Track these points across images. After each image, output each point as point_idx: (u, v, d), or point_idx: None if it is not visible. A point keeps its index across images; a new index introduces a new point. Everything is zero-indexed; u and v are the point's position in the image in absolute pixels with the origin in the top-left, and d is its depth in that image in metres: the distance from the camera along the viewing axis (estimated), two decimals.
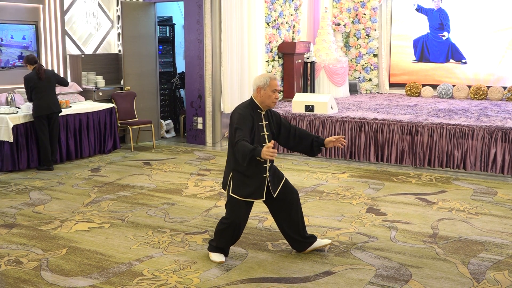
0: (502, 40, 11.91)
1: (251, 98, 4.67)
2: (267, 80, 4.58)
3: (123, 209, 6.29)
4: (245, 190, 4.57)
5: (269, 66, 11.11)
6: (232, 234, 4.70)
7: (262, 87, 4.58)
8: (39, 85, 8.00)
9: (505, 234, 5.45)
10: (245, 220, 4.71)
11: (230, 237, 4.72)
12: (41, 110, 8.03)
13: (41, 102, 8.02)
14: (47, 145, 8.11)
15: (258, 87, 4.59)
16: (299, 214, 4.85)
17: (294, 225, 4.83)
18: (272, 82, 4.56)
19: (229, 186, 4.60)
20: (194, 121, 10.18)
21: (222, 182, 4.79)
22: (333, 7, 13.24)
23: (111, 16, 10.64)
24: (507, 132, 7.72)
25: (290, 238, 4.90)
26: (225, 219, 4.69)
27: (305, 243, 4.90)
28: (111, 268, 4.61)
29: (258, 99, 4.62)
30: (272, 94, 4.58)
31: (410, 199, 6.68)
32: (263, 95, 4.59)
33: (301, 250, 4.92)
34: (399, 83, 13.03)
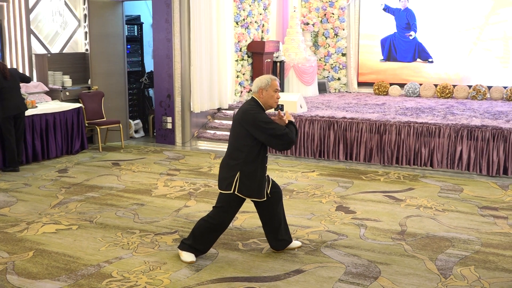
0: (467, 39, 12.13)
1: (254, 99, 4.69)
2: (269, 81, 4.65)
3: (91, 210, 6.21)
4: (251, 190, 4.61)
5: (238, 65, 11.10)
6: (217, 235, 4.74)
7: (264, 88, 4.64)
8: (5, 85, 7.83)
9: (471, 230, 5.55)
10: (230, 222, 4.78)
11: (214, 239, 4.75)
12: (10, 110, 7.87)
13: (9, 102, 7.86)
14: (13, 146, 7.95)
15: (260, 88, 4.65)
16: (283, 210, 4.95)
17: (277, 222, 4.89)
18: (273, 83, 4.65)
19: (235, 186, 4.57)
20: (163, 120, 10.11)
21: (220, 182, 4.68)
22: (302, 6, 13.30)
23: (77, 15, 10.49)
24: (472, 130, 7.86)
25: (272, 236, 4.92)
26: (212, 219, 4.66)
27: (285, 241, 4.95)
28: (80, 270, 4.55)
29: (261, 100, 4.67)
30: (274, 94, 4.67)
31: (378, 196, 6.75)
32: (266, 95, 4.65)
33: (280, 248, 4.95)
34: (367, 82, 13.17)
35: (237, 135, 4.63)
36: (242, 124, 4.57)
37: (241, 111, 4.65)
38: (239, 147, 4.59)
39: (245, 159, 4.56)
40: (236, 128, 4.64)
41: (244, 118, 4.58)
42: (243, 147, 4.57)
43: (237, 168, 4.57)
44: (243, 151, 4.57)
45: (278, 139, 4.53)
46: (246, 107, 4.66)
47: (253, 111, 4.58)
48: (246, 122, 4.55)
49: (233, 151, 4.64)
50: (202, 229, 4.70)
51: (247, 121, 4.55)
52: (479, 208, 6.29)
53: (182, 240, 4.83)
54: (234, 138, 4.65)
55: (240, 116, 4.62)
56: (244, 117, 4.58)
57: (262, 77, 4.73)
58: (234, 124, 4.68)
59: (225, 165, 4.68)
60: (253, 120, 4.54)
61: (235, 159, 4.60)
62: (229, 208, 4.67)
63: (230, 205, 4.66)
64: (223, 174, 4.69)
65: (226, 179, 4.63)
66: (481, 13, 11.97)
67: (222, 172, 4.70)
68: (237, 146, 4.61)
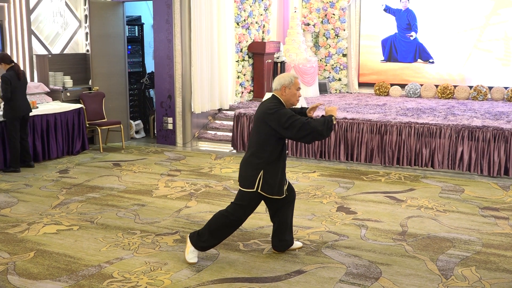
0: (468, 40, 12.12)
1: (275, 97, 4.69)
2: (292, 79, 4.68)
3: (92, 211, 6.21)
4: (273, 188, 4.62)
5: (239, 66, 11.11)
6: (231, 231, 4.75)
7: (287, 86, 4.66)
8: (18, 85, 7.87)
9: (472, 230, 5.54)
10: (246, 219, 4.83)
11: (228, 234, 4.76)
12: (20, 110, 7.91)
13: (19, 102, 7.90)
14: (18, 146, 7.97)
15: (283, 86, 4.66)
16: (292, 212, 4.99)
17: (286, 223, 4.90)
18: (296, 81, 4.68)
19: (258, 184, 4.57)
20: (164, 121, 10.11)
21: (243, 180, 4.65)
22: (303, 7, 13.30)
23: (78, 16, 10.49)
24: (473, 131, 7.86)
25: (277, 236, 4.92)
26: (231, 215, 4.65)
27: (286, 242, 4.96)
28: (80, 271, 4.55)
29: (283, 98, 4.68)
30: (296, 92, 4.69)
31: (379, 197, 6.75)
32: (288, 93, 4.67)
33: (281, 250, 4.95)
34: (368, 82, 13.17)
35: (260, 133, 4.61)
36: (266, 121, 4.55)
37: (264, 108, 4.63)
38: (262, 145, 4.58)
39: (269, 158, 4.57)
40: (259, 126, 4.62)
41: (267, 114, 4.56)
42: (266, 145, 4.57)
43: (260, 167, 4.56)
44: (266, 150, 4.56)
45: (303, 131, 4.48)
46: (268, 104, 4.64)
47: (276, 107, 4.57)
48: (270, 118, 4.53)
49: (256, 149, 4.62)
50: (220, 224, 4.68)
51: (271, 118, 4.53)
52: (480, 208, 6.28)
53: (197, 236, 4.71)
54: (257, 136, 4.63)
55: (263, 113, 4.60)
56: (268, 114, 4.56)
57: (284, 74, 4.74)
58: (257, 122, 4.66)
59: (247, 163, 4.65)
60: (277, 115, 4.52)
61: (259, 157, 4.58)
62: (249, 206, 4.68)
63: (250, 203, 4.66)
64: (245, 172, 4.65)
65: (248, 177, 4.61)
66: (482, 14, 11.97)
67: (245, 170, 4.66)
68: (260, 144, 4.60)
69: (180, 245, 5.11)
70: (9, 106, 7.82)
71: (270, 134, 4.56)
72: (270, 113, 4.56)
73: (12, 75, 7.81)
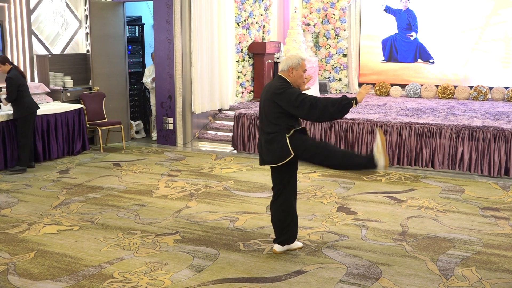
0: (468, 40, 12.12)
1: (282, 77, 4.70)
2: (299, 61, 4.71)
3: (92, 211, 6.21)
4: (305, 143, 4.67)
5: (240, 66, 11.11)
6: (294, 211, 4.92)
7: (295, 67, 4.69)
8: (24, 82, 7.97)
9: (472, 231, 5.54)
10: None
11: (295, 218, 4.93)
12: (32, 107, 8.04)
13: (30, 99, 8.05)
14: (31, 144, 8.07)
15: (291, 67, 4.69)
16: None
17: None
18: (303, 63, 4.72)
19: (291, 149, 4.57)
20: (165, 121, 10.11)
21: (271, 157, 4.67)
22: (303, 7, 13.30)
23: (79, 16, 10.50)
24: (473, 131, 7.86)
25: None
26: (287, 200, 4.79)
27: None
28: (81, 271, 4.55)
29: (290, 79, 4.70)
30: (303, 74, 4.72)
31: (379, 197, 6.75)
32: (295, 74, 4.70)
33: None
34: (368, 82, 13.14)
35: (270, 113, 4.62)
36: (275, 100, 4.57)
37: (272, 88, 4.63)
38: (276, 123, 4.59)
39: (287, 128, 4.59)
40: (269, 106, 4.62)
41: (276, 94, 4.57)
42: (280, 122, 4.58)
43: (284, 138, 4.58)
44: (282, 125, 4.58)
45: (313, 109, 4.49)
46: (276, 84, 4.66)
47: (284, 87, 4.59)
48: (279, 98, 4.55)
49: (272, 129, 4.62)
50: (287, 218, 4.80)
51: (280, 97, 4.54)
52: (480, 209, 6.28)
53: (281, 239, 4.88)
54: (269, 117, 4.63)
55: (271, 94, 4.61)
56: (276, 94, 4.57)
57: (292, 56, 4.76)
58: (266, 103, 4.65)
59: (270, 141, 4.64)
60: (287, 94, 4.53)
61: (278, 133, 4.59)
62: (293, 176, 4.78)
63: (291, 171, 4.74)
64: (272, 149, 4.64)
65: (278, 151, 4.61)
66: (482, 14, 11.96)
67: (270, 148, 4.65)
68: (274, 124, 4.60)
69: (181, 245, 5.11)
70: (20, 105, 7.91)
71: (281, 112, 4.57)
72: (279, 92, 4.57)
73: (16, 75, 7.87)
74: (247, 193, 6.95)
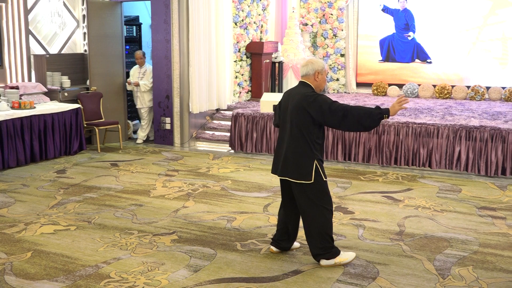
0: (466, 40, 12.13)
1: (306, 84, 4.57)
2: (324, 64, 4.60)
3: (89, 211, 6.20)
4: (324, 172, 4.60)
5: (237, 66, 11.11)
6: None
7: (320, 71, 4.56)
8: None
9: (469, 230, 5.55)
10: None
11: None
12: None
13: None
14: None
15: (317, 71, 4.55)
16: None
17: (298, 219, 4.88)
18: (325, 67, 4.61)
19: (318, 174, 4.49)
20: (162, 121, 10.10)
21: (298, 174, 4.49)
22: (301, 7, 13.30)
23: (76, 16, 10.49)
24: (470, 131, 7.86)
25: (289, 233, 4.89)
26: (327, 208, 4.57)
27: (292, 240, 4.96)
28: (78, 271, 4.54)
29: (314, 84, 4.57)
30: (325, 78, 4.64)
31: (377, 197, 6.76)
32: (321, 79, 4.58)
33: (287, 248, 4.94)
34: (366, 82, 13.17)
35: (300, 122, 4.46)
36: (306, 108, 4.41)
37: (301, 96, 4.48)
38: (308, 133, 4.46)
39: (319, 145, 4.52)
40: (298, 115, 4.46)
41: (308, 102, 4.42)
42: (311, 133, 4.46)
43: (311, 156, 4.47)
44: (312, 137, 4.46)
45: (346, 119, 4.36)
46: (303, 91, 4.52)
47: (315, 94, 4.46)
48: (311, 106, 4.40)
49: (302, 138, 4.47)
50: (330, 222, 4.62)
51: (312, 105, 4.40)
52: (477, 208, 6.29)
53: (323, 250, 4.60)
54: (298, 125, 4.47)
55: (301, 101, 4.45)
56: (308, 101, 4.42)
57: (314, 60, 4.61)
58: (294, 111, 4.49)
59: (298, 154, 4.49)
60: (319, 102, 4.40)
61: (309, 146, 4.46)
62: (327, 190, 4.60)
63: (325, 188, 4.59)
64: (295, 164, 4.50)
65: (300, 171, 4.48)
66: (480, 14, 11.98)
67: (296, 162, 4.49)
68: (304, 133, 4.46)
69: (178, 245, 5.11)
70: None
71: (311, 122, 4.43)
72: (310, 100, 4.41)
73: None
74: (244, 193, 6.95)
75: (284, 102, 4.68)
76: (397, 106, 4.45)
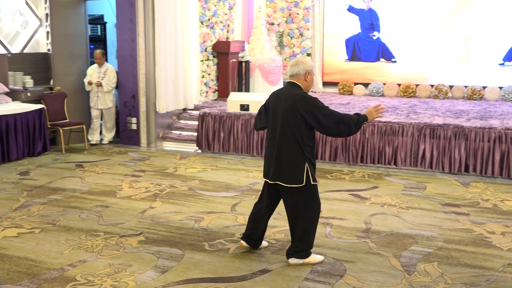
0: (429, 39, 12.34)
1: (295, 84, 4.51)
2: (312, 64, 4.53)
3: (54, 213, 6.09)
4: (315, 175, 4.58)
5: (204, 65, 11.06)
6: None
7: (310, 71, 4.50)
8: None
9: (434, 227, 5.64)
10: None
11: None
12: None
13: None
14: None
15: (307, 71, 4.49)
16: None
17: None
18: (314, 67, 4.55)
19: (308, 177, 4.46)
20: (128, 121, 10.00)
21: (289, 178, 4.47)
22: (267, 6, 13.33)
23: (39, 14, 10.29)
24: (435, 129, 8.00)
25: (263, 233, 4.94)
26: (315, 212, 4.59)
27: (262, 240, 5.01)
28: (42, 275, 4.46)
29: (304, 84, 4.51)
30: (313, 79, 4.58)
31: (344, 195, 6.81)
32: (310, 79, 4.54)
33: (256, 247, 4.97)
34: (332, 82, 13.28)
35: (292, 123, 4.40)
36: (299, 109, 4.36)
37: (294, 96, 4.42)
38: (300, 134, 4.41)
39: (310, 146, 4.48)
40: (290, 116, 4.40)
41: (303, 103, 4.37)
42: (303, 135, 4.41)
43: (303, 158, 4.43)
44: (304, 138, 4.42)
45: (339, 124, 4.37)
46: (295, 92, 4.45)
47: (308, 96, 4.41)
48: (305, 107, 4.35)
49: (295, 140, 4.41)
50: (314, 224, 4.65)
51: (306, 107, 4.35)
52: (441, 205, 6.40)
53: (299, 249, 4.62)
54: (291, 126, 4.41)
55: (294, 101, 4.39)
56: (302, 102, 4.37)
57: (304, 59, 4.56)
58: (287, 112, 4.41)
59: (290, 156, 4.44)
60: (313, 104, 4.36)
61: (301, 148, 4.42)
62: (317, 194, 4.62)
63: (316, 191, 4.60)
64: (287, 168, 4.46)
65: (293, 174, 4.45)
66: (443, 14, 12.20)
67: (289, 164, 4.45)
68: (296, 135, 4.41)
69: (145, 246, 5.06)
70: None
71: (303, 123, 4.38)
72: (305, 102, 4.37)
73: None
74: (212, 192, 6.93)
75: (272, 104, 4.61)
76: (374, 114, 4.49)
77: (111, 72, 9.96)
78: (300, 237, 4.62)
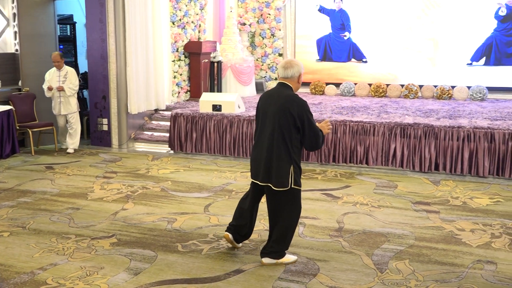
0: (399, 40, 12.49)
1: (287, 85, 4.47)
2: (302, 65, 4.51)
3: (24, 216, 5.99)
4: (300, 179, 4.57)
5: (175, 66, 11.01)
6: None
7: (302, 73, 4.45)
8: None
9: (405, 225, 5.71)
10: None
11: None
12: None
13: None
14: None
15: (301, 73, 4.45)
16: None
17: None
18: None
19: (291, 180, 4.45)
20: (99, 122, 9.89)
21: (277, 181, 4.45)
22: (238, 6, 13.34)
23: (6, 14, 10.10)
24: (405, 128, 8.10)
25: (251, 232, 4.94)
26: (296, 215, 4.59)
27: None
28: (12, 279, 4.38)
29: (295, 86, 4.49)
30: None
31: (316, 195, 6.85)
32: (300, 81, 4.52)
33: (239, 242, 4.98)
34: (304, 82, 13.15)
35: (283, 124, 4.36)
36: (291, 110, 4.32)
37: (286, 98, 4.37)
38: (289, 136, 4.39)
39: (298, 149, 4.47)
40: (281, 117, 4.36)
41: (297, 105, 4.33)
42: (292, 136, 4.39)
43: (289, 161, 4.42)
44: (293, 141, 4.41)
45: (317, 138, 4.42)
46: (288, 93, 4.42)
47: (302, 100, 4.38)
48: (298, 109, 4.33)
49: (284, 142, 4.39)
50: (292, 227, 4.64)
51: (300, 109, 4.33)
52: (412, 203, 6.48)
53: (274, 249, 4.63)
54: (281, 128, 4.37)
55: (286, 102, 4.34)
56: (295, 104, 4.33)
57: (295, 61, 4.51)
58: (280, 114, 4.37)
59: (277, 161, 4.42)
60: (304, 109, 4.35)
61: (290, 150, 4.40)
62: (299, 198, 4.61)
63: (298, 195, 4.59)
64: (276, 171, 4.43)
65: (281, 177, 4.43)
66: (412, 15, 12.36)
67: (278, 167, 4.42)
68: (285, 136, 4.38)
69: (117, 248, 5.01)
70: None
71: (293, 124, 4.35)
72: (297, 104, 4.34)
73: None
74: (184, 193, 6.90)
75: (262, 105, 4.58)
76: (326, 129, 4.60)
77: (72, 75, 9.38)
78: (277, 239, 4.63)
